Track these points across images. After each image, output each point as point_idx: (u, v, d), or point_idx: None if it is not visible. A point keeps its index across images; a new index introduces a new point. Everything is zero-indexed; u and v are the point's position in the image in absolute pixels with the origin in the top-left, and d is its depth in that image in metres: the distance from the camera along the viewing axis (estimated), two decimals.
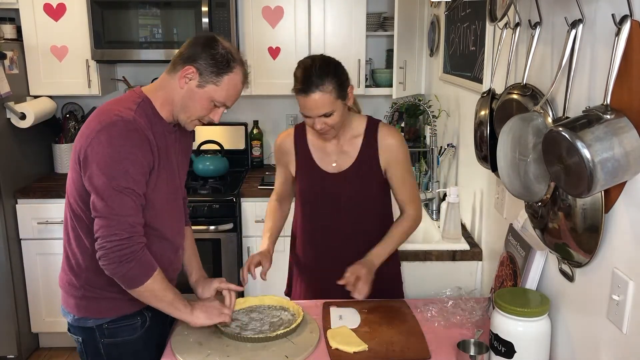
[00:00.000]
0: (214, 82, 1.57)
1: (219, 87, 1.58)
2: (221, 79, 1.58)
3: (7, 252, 3.07)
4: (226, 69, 1.58)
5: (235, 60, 1.60)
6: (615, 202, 1.19)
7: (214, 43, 1.59)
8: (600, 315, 1.26)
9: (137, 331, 1.69)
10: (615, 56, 1.09)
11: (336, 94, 1.75)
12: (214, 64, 1.57)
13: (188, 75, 1.56)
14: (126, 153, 1.49)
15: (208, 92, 1.58)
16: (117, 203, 1.48)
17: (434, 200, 2.69)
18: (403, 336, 1.67)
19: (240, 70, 1.62)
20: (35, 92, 3.34)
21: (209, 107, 1.61)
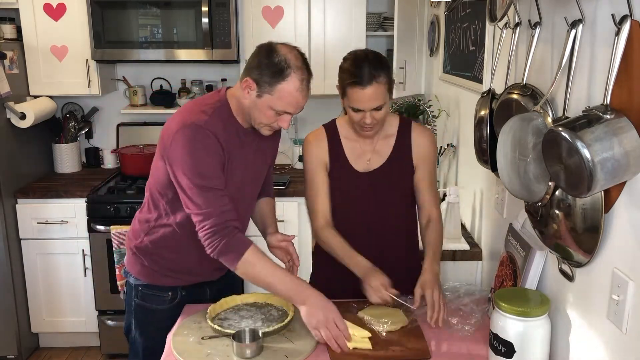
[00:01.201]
0: (269, 92, 1.63)
1: (274, 96, 1.63)
2: (274, 88, 1.62)
3: (7, 252, 3.07)
4: (278, 78, 1.61)
5: (289, 68, 1.62)
6: (615, 202, 1.19)
7: (271, 52, 1.64)
8: (600, 315, 1.26)
9: (165, 304, 1.84)
10: (615, 56, 1.09)
11: (388, 87, 1.76)
12: (268, 74, 1.62)
13: (248, 86, 1.65)
14: (199, 156, 1.63)
15: (266, 102, 1.64)
16: (202, 200, 1.63)
17: None
18: (403, 336, 1.67)
19: (297, 77, 1.62)
20: (35, 92, 3.34)
21: (272, 115, 1.67)
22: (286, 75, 1.61)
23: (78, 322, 3.31)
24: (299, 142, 3.68)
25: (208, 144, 1.64)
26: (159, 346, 1.76)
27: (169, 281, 1.84)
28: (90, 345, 3.40)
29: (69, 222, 3.15)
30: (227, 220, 1.63)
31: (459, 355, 1.59)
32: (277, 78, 1.61)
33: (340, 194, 1.94)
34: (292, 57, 1.64)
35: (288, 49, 1.66)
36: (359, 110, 1.77)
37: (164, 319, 1.82)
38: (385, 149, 1.91)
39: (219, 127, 1.67)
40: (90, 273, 3.19)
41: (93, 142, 3.75)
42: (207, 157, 1.64)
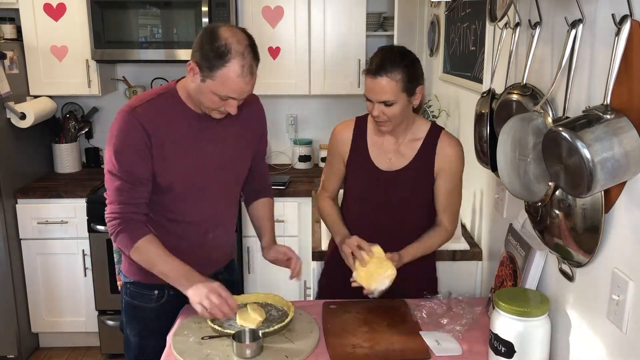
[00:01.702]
0: (211, 77, 1.59)
1: (215, 82, 1.59)
2: (215, 74, 1.58)
3: (7, 252, 3.07)
4: (218, 64, 1.56)
5: (229, 53, 1.56)
6: (615, 202, 1.19)
7: (213, 35, 1.58)
8: (600, 315, 1.26)
9: (152, 302, 1.84)
10: (615, 56, 1.09)
11: (403, 86, 1.73)
12: (208, 59, 1.57)
13: (192, 69, 1.61)
14: (120, 144, 1.65)
15: (209, 87, 1.60)
16: (112, 188, 1.67)
17: None
18: (403, 336, 1.67)
19: (237, 63, 1.57)
20: (35, 92, 3.34)
21: (217, 100, 1.62)
22: (226, 61, 1.56)
23: (78, 322, 3.31)
24: (299, 142, 3.68)
25: (130, 132, 1.64)
26: (149, 344, 1.80)
27: (155, 279, 1.76)
28: (90, 345, 3.40)
29: (69, 222, 3.15)
30: (131, 212, 1.66)
31: (459, 355, 1.59)
32: (217, 63, 1.56)
33: (358, 187, 1.95)
34: (234, 41, 1.57)
35: (231, 32, 1.59)
36: (369, 100, 1.78)
37: (151, 318, 1.83)
38: (409, 152, 1.89)
39: (153, 114, 1.65)
40: (90, 273, 3.19)
41: (93, 142, 3.75)
42: (126, 146, 1.64)
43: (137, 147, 1.64)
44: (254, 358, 1.54)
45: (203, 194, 1.78)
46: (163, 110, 1.69)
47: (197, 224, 1.80)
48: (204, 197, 1.79)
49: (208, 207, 1.81)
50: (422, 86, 1.81)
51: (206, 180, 1.77)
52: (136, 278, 1.83)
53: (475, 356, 1.58)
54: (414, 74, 1.76)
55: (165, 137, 1.67)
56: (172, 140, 1.68)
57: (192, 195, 1.76)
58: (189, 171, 1.73)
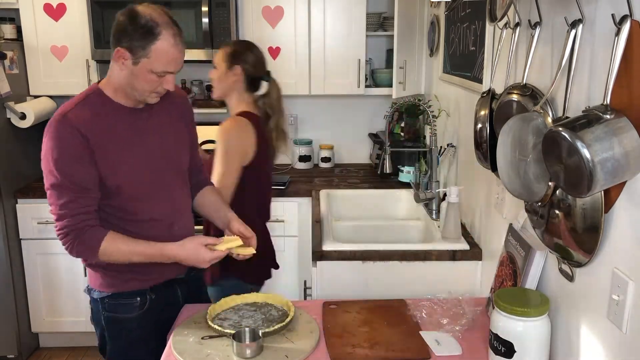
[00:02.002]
0: (145, 56, 1.59)
1: (151, 59, 1.59)
2: (149, 50, 1.58)
3: (7, 252, 3.08)
4: (150, 40, 1.58)
5: (158, 26, 1.58)
6: (615, 202, 1.19)
7: (133, 15, 1.59)
8: (600, 315, 1.26)
9: (136, 310, 1.77)
10: (615, 56, 1.09)
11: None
12: (138, 38, 1.58)
13: (121, 56, 1.61)
14: (58, 152, 1.60)
15: (145, 66, 1.60)
16: (51, 200, 1.65)
17: (434, 200, 2.68)
18: (403, 336, 1.67)
19: (168, 33, 1.59)
20: (35, 92, 3.34)
21: (154, 79, 1.63)
22: (157, 33, 1.58)
23: (78, 322, 3.31)
24: (299, 142, 3.69)
25: (67, 140, 1.60)
26: (136, 357, 1.78)
27: (134, 284, 1.76)
28: (90, 345, 3.39)
29: None
30: (82, 222, 1.62)
31: (458, 355, 1.59)
32: (149, 39, 1.57)
33: None
34: (157, 15, 1.60)
35: (150, 8, 1.61)
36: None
37: (136, 327, 1.77)
38: None
39: (85, 115, 1.63)
40: None
41: None
42: (66, 155, 1.60)
43: (77, 154, 1.61)
44: (254, 358, 1.54)
45: (156, 187, 1.75)
46: (94, 110, 1.66)
47: (160, 219, 1.77)
48: (158, 190, 1.76)
49: (166, 200, 1.78)
50: None
51: (155, 173, 1.75)
52: (113, 289, 1.76)
53: (475, 356, 1.58)
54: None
55: (103, 137, 1.64)
56: (110, 138, 1.66)
57: (146, 190, 1.73)
58: (136, 166, 1.70)
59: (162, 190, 1.77)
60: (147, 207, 1.74)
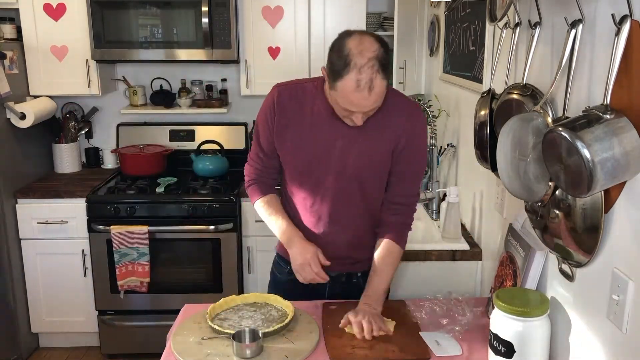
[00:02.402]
0: (333, 88, 1.57)
1: (337, 92, 1.56)
2: (335, 84, 1.54)
3: (7, 252, 3.07)
4: (337, 76, 1.52)
5: (349, 65, 1.49)
6: (615, 202, 1.19)
7: (340, 42, 1.54)
8: (600, 315, 1.26)
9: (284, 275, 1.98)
10: (615, 56, 1.09)
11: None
12: (330, 68, 1.56)
13: (324, 75, 1.65)
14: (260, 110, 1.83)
15: (333, 96, 1.60)
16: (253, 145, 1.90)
17: (434, 200, 2.68)
18: (403, 336, 1.67)
19: (354, 78, 1.49)
20: (35, 92, 3.33)
21: (340, 109, 1.62)
22: (343, 74, 1.50)
23: (78, 322, 3.31)
24: None
25: (265, 105, 1.80)
26: None
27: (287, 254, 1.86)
28: (90, 345, 3.40)
29: (69, 222, 3.15)
30: (260, 175, 1.88)
31: (458, 355, 1.59)
32: (337, 74, 1.52)
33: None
34: (356, 52, 1.49)
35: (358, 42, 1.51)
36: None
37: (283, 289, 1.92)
38: None
39: (288, 96, 1.76)
40: (90, 273, 3.19)
41: (93, 142, 3.75)
42: (262, 113, 1.81)
43: (264, 121, 1.79)
44: (254, 358, 1.54)
45: (321, 187, 1.80)
46: (301, 95, 1.76)
47: (306, 208, 1.84)
48: (321, 191, 1.80)
49: (324, 203, 1.81)
50: None
51: (326, 175, 1.78)
52: (278, 251, 1.99)
53: (475, 356, 1.58)
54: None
55: (291, 120, 1.75)
56: (301, 124, 1.75)
57: (303, 180, 1.81)
58: (313, 159, 1.77)
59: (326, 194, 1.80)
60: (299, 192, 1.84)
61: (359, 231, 1.86)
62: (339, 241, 1.85)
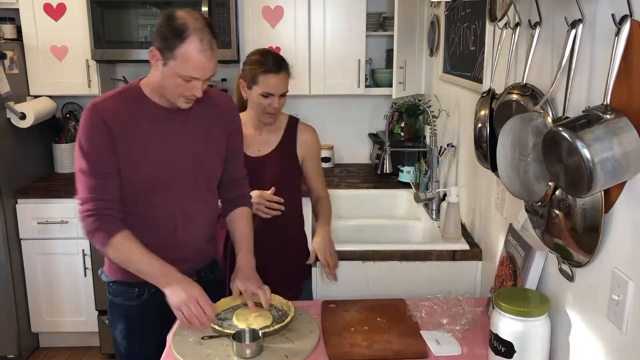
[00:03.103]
0: (172, 58, 1.60)
1: (177, 61, 1.60)
2: (175, 53, 1.59)
3: (7, 252, 3.07)
4: (177, 42, 1.58)
5: (188, 29, 1.57)
6: (615, 202, 1.19)
7: (170, 17, 1.61)
8: (600, 315, 1.26)
9: (133, 300, 1.83)
10: (615, 56, 1.09)
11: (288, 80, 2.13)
12: (167, 39, 1.59)
13: (154, 56, 1.64)
14: (86, 139, 1.66)
15: (172, 69, 1.61)
16: (78, 183, 1.69)
17: (434, 200, 2.69)
18: (402, 335, 1.67)
19: (195, 37, 1.58)
20: (35, 92, 3.34)
21: (181, 83, 1.63)
22: (185, 37, 1.57)
23: (78, 322, 3.31)
24: None
25: (93, 124, 1.65)
26: (134, 345, 1.83)
27: (134, 277, 1.73)
28: (90, 345, 3.40)
29: (69, 222, 3.15)
30: (104, 208, 1.67)
31: (458, 355, 1.59)
32: (176, 42, 1.57)
33: None
34: (190, 19, 1.60)
35: (188, 13, 1.62)
36: (269, 95, 2.08)
37: (133, 315, 1.82)
38: (273, 140, 2.23)
39: (115, 107, 1.67)
40: (90, 273, 3.19)
41: None
42: (91, 143, 1.65)
43: (101, 143, 1.65)
44: (254, 358, 1.54)
45: (169, 189, 1.75)
46: (126, 105, 1.69)
47: (165, 219, 1.77)
48: (170, 193, 1.76)
49: (176, 203, 1.77)
50: None
51: (172, 175, 1.75)
52: (117, 277, 1.82)
53: (475, 356, 1.58)
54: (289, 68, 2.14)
55: (128, 132, 1.67)
56: (136, 134, 1.68)
57: (158, 190, 1.74)
58: (154, 166, 1.72)
59: (176, 192, 1.77)
60: (154, 205, 1.75)
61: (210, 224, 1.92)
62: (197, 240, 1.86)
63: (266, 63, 2.06)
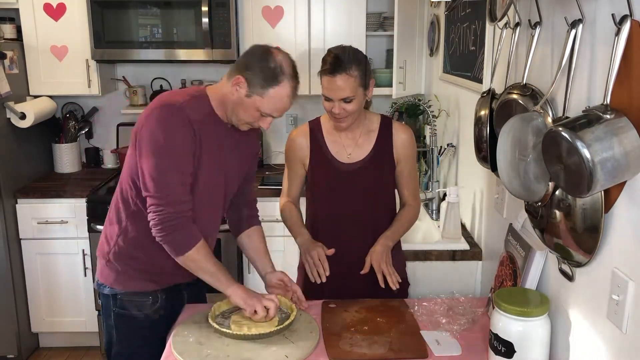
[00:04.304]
0: (260, 94, 1.65)
1: (264, 99, 1.65)
2: (266, 91, 1.64)
3: (7, 252, 3.07)
4: (272, 83, 1.64)
5: (283, 74, 1.65)
6: (615, 202, 1.19)
7: (267, 55, 1.66)
8: (600, 315, 1.26)
9: (146, 309, 1.80)
10: (615, 56, 1.09)
11: (359, 81, 1.85)
12: (262, 77, 1.64)
13: (238, 84, 1.66)
14: (171, 135, 1.62)
15: (254, 102, 1.66)
16: (162, 183, 1.62)
17: (434, 200, 2.69)
18: (401, 335, 1.67)
19: (289, 84, 1.66)
20: (35, 91, 3.34)
21: (256, 115, 1.68)
22: (279, 81, 1.64)
23: (78, 322, 3.31)
24: None
25: (180, 124, 1.63)
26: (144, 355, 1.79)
27: (148, 285, 1.78)
28: (90, 345, 3.40)
29: (69, 222, 3.15)
30: (182, 211, 1.64)
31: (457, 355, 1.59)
32: (271, 82, 1.64)
33: (323, 184, 2.02)
34: (286, 64, 1.67)
35: (283, 56, 1.69)
36: (329, 99, 1.88)
37: (147, 326, 1.80)
38: (366, 144, 2.00)
39: (194, 111, 1.67)
40: (90, 273, 3.19)
41: (93, 142, 3.75)
42: (177, 138, 1.63)
43: (186, 144, 1.64)
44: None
45: (212, 199, 1.79)
46: (204, 112, 1.71)
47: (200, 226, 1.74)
48: (211, 202, 1.80)
49: (212, 212, 1.82)
50: (372, 80, 1.95)
51: (213, 189, 1.79)
52: (127, 288, 1.79)
53: (475, 356, 1.58)
54: (366, 68, 1.89)
55: (202, 139, 1.69)
56: (204, 142, 1.70)
57: (203, 198, 1.75)
58: (210, 176, 1.75)
59: (212, 203, 1.80)
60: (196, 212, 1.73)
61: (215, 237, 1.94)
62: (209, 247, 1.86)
63: (325, 62, 1.89)
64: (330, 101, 1.87)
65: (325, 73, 1.85)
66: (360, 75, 1.85)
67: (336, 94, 1.85)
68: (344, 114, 1.88)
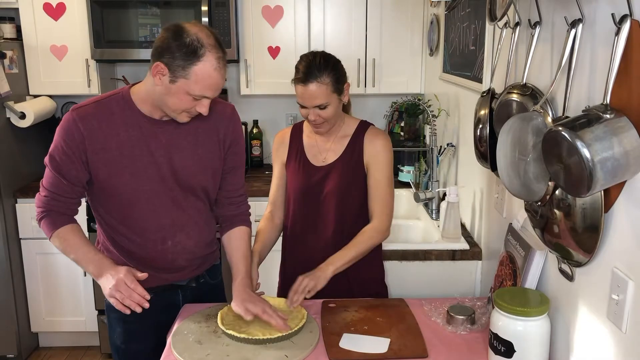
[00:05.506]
0: (184, 76, 1.52)
1: (190, 80, 1.52)
2: (190, 70, 1.51)
3: (7, 252, 3.07)
4: (193, 59, 1.50)
5: (203, 47, 1.51)
6: (615, 202, 1.19)
7: (181, 31, 1.52)
8: (600, 315, 1.26)
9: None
10: (615, 56, 1.09)
11: (332, 88, 1.85)
12: (181, 56, 1.50)
13: (159, 71, 1.54)
14: (57, 139, 1.66)
15: (182, 87, 1.53)
16: (45, 174, 1.70)
17: (433, 199, 2.69)
18: (401, 335, 1.67)
19: (212, 56, 1.52)
20: (35, 91, 3.34)
21: (188, 100, 1.56)
22: (201, 55, 1.50)
23: (78, 322, 3.31)
24: None
25: (66, 131, 1.63)
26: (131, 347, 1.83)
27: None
28: (90, 344, 3.40)
29: None
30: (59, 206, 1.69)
31: (457, 354, 1.59)
32: (192, 59, 1.50)
33: (297, 184, 2.03)
34: (203, 35, 1.52)
35: (199, 28, 1.54)
36: (303, 107, 1.88)
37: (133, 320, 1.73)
38: (339, 148, 1.99)
39: (96, 113, 1.62)
40: None
41: None
42: (59, 144, 1.64)
43: (67, 148, 1.63)
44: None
45: (153, 200, 1.70)
46: (109, 112, 1.63)
47: (153, 230, 1.73)
48: (154, 204, 1.71)
49: (161, 215, 1.72)
50: (347, 83, 1.94)
51: (156, 187, 1.69)
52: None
53: (475, 356, 1.58)
54: (338, 74, 1.88)
55: (107, 141, 1.62)
56: (117, 143, 1.63)
57: (141, 201, 1.69)
58: (136, 176, 1.66)
59: (161, 204, 1.72)
60: (140, 217, 1.71)
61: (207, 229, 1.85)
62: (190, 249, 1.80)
63: (297, 70, 1.87)
64: (305, 108, 1.88)
65: (298, 82, 1.85)
66: (333, 81, 1.84)
67: (310, 102, 1.85)
68: (320, 120, 1.89)
